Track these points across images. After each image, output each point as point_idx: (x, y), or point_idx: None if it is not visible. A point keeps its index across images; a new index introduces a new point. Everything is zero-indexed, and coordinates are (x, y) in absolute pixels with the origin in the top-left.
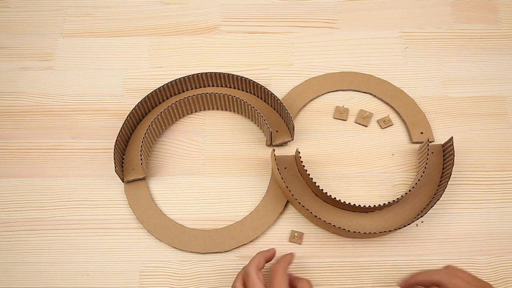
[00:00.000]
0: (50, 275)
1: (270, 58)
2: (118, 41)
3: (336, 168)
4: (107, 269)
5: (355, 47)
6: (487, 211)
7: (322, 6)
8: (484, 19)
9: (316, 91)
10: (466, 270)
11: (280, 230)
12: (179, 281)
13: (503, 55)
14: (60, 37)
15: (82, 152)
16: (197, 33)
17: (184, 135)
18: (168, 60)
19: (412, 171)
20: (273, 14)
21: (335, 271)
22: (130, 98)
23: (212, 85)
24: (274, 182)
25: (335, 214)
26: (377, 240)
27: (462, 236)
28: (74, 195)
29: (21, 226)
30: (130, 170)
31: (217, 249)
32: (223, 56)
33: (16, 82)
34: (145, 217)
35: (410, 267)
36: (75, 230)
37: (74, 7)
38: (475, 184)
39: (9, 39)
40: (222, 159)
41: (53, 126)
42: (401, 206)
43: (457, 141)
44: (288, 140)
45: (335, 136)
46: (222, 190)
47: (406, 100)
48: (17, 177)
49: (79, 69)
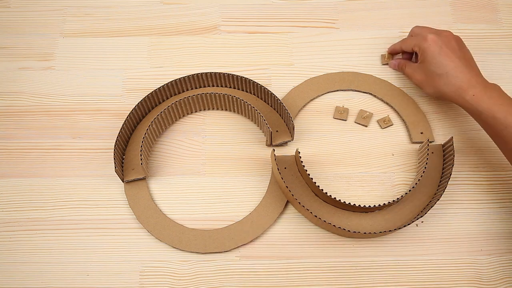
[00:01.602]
0: (50, 275)
1: (270, 58)
2: (118, 41)
3: (336, 168)
4: (107, 269)
5: (355, 47)
6: (487, 211)
7: (322, 6)
8: (484, 19)
9: (316, 91)
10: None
11: (280, 230)
12: (179, 281)
13: (503, 55)
14: (60, 37)
15: (82, 152)
16: (197, 33)
17: (184, 135)
18: (168, 60)
19: (412, 171)
20: (273, 14)
21: (335, 271)
22: (130, 98)
23: (212, 85)
24: (274, 182)
25: (335, 214)
26: (377, 240)
27: (462, 236)
28: (74, 195)
29: (21, 226)
30: (130, 170)
31: (217, 249)
32: (223, 56)
33: (16, 82)
34: (145, 217)
35: (410, 267)
36: (75, 230)
37: (74, 7)
38: (475, 184)
39: (9, 39)
40: (222, 159)
41: (53, 126)
42: (401, 206)
43: (457, 141)
44: (288, 140)
45: (335, 136)
46: (222, 190)
47: (406, 100)
48: (17, 177)
49: (79, 69)
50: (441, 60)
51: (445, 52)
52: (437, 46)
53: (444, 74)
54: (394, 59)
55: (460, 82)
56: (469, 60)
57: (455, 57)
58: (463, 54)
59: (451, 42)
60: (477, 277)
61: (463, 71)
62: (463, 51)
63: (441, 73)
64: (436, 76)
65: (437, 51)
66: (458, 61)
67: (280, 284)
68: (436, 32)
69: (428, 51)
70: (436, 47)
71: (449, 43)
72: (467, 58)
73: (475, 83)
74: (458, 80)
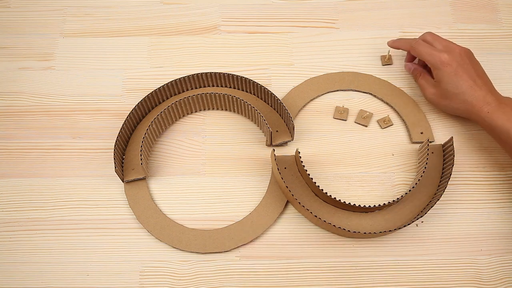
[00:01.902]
0: (50, 275)
1: (270, 58)
2: (118, 41)
3: (336, 168)
4: (107, 269)
5: (355, 47)
6: (487, 211)
7: (322, 6)
8: (484, 19)
9: (316, 91)
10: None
11: (280, 230)
12: (179, 281)
13: (503, 55)
14: (60, 37)
15: (82, 152)
16: (197, 33)
17: (184, 135)
18: (168, 60)
19: (412, 171)
20: (273, 14)
21: (335, 271)
22: (130, 98)
23: (212, 85)
24: (274, 182)
25: (335, 214)
26: (377, 240)
27: (462, 236)
28: (74, 195)
29: (21, 226)
30: (130, 170)
31: (217, 249)
32: (223, 56)
33: (16, 82)
34: (145, 217)
35: (410, 267)
36: (75, 230)
37: (74, 7)
38: (475, 184)
39: (9, 39)
40: (222, 159)
41: (53, 126)
42: (401, 206)
43: (457, 141)
44: (288, 140)
45: (335, 136)
46: (222, 190)
47: (406, 100)
48: (17, 177)
49: (79, 69)
50: (457, 81)
51: (461, 74)
52: (452, 68)
53: (460, 93)
54: (411, 63)
55: (475, 100)
56: (482, 77)
57: (469, 77)
58: (476, 71)
59: (465, 60)
60: (477, 277)
61: (478, 90)
62: (476, 68)
63: (457, 92)
64: (451, 95)
65: (453, 73)
66: (472, 81)
67: (280, 284)
68: (449, 50)
69: (444, 73)
70: (451, 70)
71: (463, 62)
72: (480, 75)
73: (489, 100)
74: (473, 99)
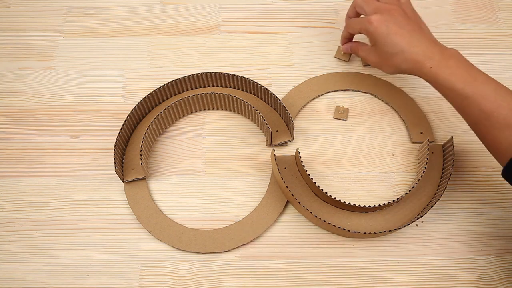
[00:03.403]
0: (50, 275)
1: (270, 58)
2: (118, 41)
3: (336, 168)
4: (107, 269)
5: None
6: (487, 211)
7: (322, 6)
8: (484, 19)
9: (316, 91)
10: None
11: (280, 230)
12: (179, 281)
13: (503, 55)
14: (60, 37)
15: (82, 152)
16: (197, 33)
17: (184, 135)
18: (168, 60)
19: (412, 171)
20: (273, 14)
21: (335, 271)
22: (130, 98)
23: (212, 85)
24: (274, 182)
25: (335, 214)
26: (377, 240)
27: (462, 236)
28: (74, 195)
29: (21, 226)
30: (130, 170)
31: (217, 249)
32: (223, 56)
33: (16, 82)
34: (145, 217)
35: (410, 267)
36: (75, 230)
37: (74, 7)
38: (475, 184)
39: (9, 39)
40: (222, 159)
41: (53, 126)
42: (401, 206)
43: (457, 141)
44: (288, 140)
45: (335, 136)
46: (222, 190)
47: (406, 100)
48: (17, 177)
49: (79, 69)
50: (392, 40)
51: (394, 31)
52: (384, 26)
53: (399, 52)
54: (347, 43)
55: (416, 56)
56: (420, 30)
57: (405, 32)
58: (412, 25)
59: (397, 17)
60: (477, 277)
61: (417, 44)
62: (411, 22)
63: (396, 51)
64: (392, 56)
65: (385, 31)
66: (409, 35)
67: (280, 284)
68: (379, 9)
69: (376, 34)
70: (383, 28)
71: (395, 18)
72: (417, 29)
73: (431, 54)
74: (414, 55)
